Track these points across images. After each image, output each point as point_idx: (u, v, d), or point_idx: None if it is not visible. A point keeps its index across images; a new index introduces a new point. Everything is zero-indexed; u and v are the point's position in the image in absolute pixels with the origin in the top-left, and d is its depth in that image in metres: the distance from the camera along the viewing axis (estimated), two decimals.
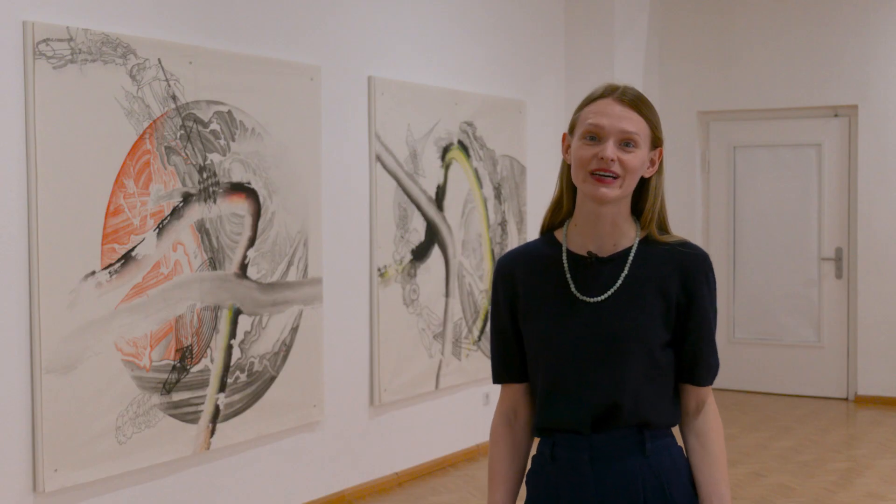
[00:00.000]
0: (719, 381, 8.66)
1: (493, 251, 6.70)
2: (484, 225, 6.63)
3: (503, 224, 6.82)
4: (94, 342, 4.19)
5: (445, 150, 6.27)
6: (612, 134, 2.11)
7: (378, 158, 5.76)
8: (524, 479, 2.32)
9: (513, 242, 6.89)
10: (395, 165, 5.88)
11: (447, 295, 6.29)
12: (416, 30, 6.12)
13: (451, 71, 6.41)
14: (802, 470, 6.23)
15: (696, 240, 8.67)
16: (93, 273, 4.19)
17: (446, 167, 6.27)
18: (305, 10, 5.30)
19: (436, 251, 6.20)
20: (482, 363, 6.60)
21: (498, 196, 6.76)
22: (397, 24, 5.96)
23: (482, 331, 6.61)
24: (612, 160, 2.10)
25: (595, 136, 2.13)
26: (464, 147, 6.42)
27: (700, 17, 8.59)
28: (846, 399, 8.23)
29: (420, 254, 6.07)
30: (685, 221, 8.69)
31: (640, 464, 2.16)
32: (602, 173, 2.11)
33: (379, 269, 5.77)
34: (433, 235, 6.18)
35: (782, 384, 8.44)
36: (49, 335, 4.03)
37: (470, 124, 6.47)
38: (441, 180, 6.23)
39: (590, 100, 2.18)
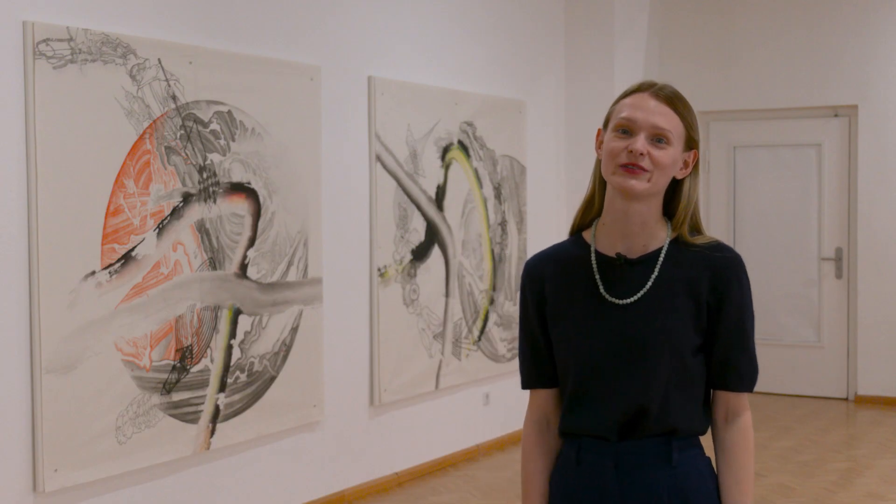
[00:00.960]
0: None
1: (493, 251, 6.70)
2: (484, 225, 6.63)
3: (503, 224, 6.82)
4: (94, 342, 4.19)
5: (445, 150, 6.27)
6: (643, 128, 2.08)
7: (378, 158, 5.76)
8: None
9: (513, 242, 6.89)
10: (395, 165, 5.88)
11: (447, 295, 6.29)
12: (416, 30, 6.12)
13: (451, 71, 6.41)
14: (802, 470, 6.23)
15: None
16: (93, 273, 4.19)
17: (446, 167, 6.27)
18: (305, 10, 5.30)
19: (436, 251, 6.20)
20: (482, 363, 6.60)
21: (498, 196, 6.76)
22: (397, 24, 5.96)
23: (482, 331, 6.61)
24: (641, 154, 2.06)
25: (627, 130, 2.09)
26: (464, 147, 6.42)
27: (700, 17, 8.59)
28: (846, 399, 8.24)
29: (420, 254, 6.07)
30: None
31: (666, 474, 2.12)
32: (631, 166, 2.07)
33: (379, 269, 5.77)
34: (433, 235, 6.18)
35: (782, 384, 8.44)
36: (49, 335, 4.03)
37: (470, 124, 6.47)
38: (441, 180, 6.23)
39: (626, 94, 2.14)
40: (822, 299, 8.31)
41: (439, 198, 6.21)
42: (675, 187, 2.17)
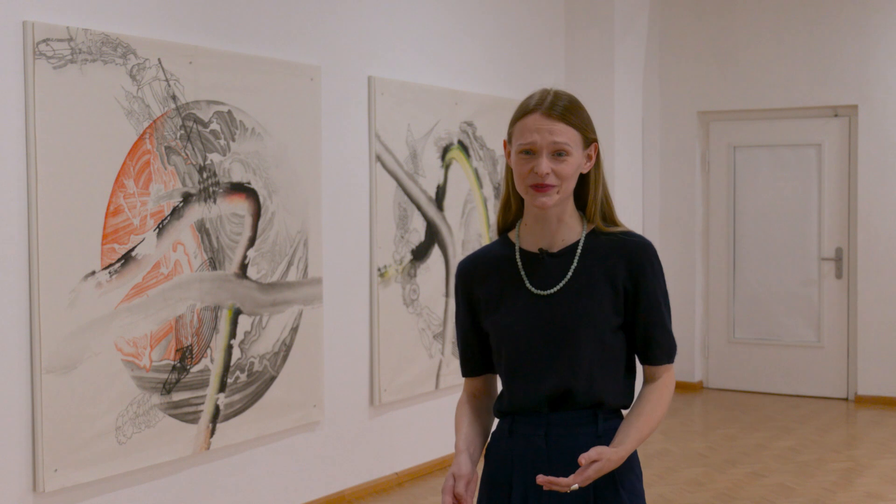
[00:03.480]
0: (720, 381, 8.67)
1: None
2: (484, 225, 6.63)
3: None
4: (94, 342, 4.19)
5: (445, 150, 6.27)
6: (543, 147, 2.28)
7: (378, 158, 5.76)
8: (485, 447, 2.48)
9: None
10: (395, 165, 5.88)
11: (447, 295, 6.29)
12: (416, 30, 6.12)
13: (451, 71, 6.41)
14: (802, 470, 6.23)
15: (696, 240, 8.68)
16: (93, 273, 4.19)
17: (446, 167, 6.27)
18: (305, 10, 5.31)
19: (436, 251, 6.20)
20: None
21: (498, 196, 6.75)
22: (397, 24, 5.96)
23: None
24: (546, 174, 2.27)
25: (529, 151, 2.29)
26: (464, 147, 6.42)
27: (700, 17, 8.59)
28: (846, 399, 8.23)
29: (420, 254, 6.07)
30: (685, 221, 8.69)
31: (591, 440, 2.32)
32: (540, 185, 2.28)
33: (379, 269, 5.77)
34: (433, 235, 6.18)
35: (782, 384, 8.44)
36: (49, 335, 4.03)
37: (470, 124, 6.47)
38: (441, 180, 6.23)
39: (521, 114, 2.33)
40: (822, 299, 8.31)
41: (439, 198, 6.21)
42: (583, 181, 2.39)
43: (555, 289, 2.34)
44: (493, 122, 6.68)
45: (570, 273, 2.34)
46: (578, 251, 2.36)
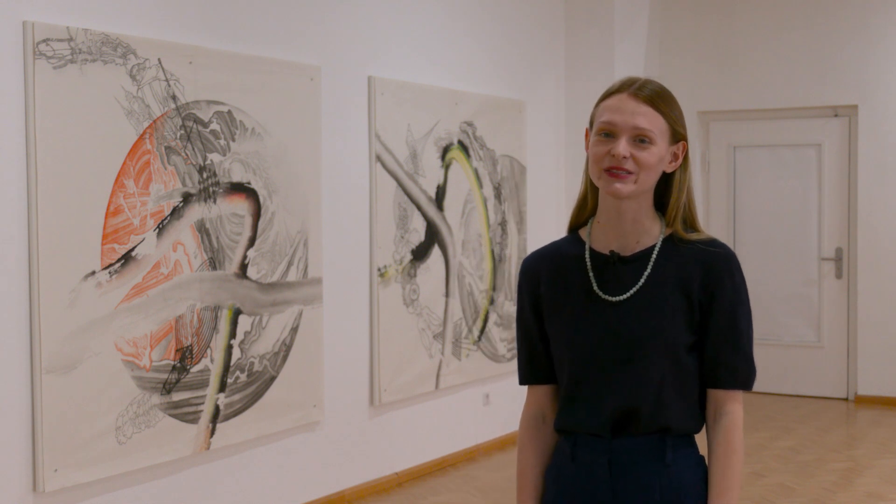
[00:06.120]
0: None
1: (493, 251, 6.70)
2: (484, 225, 6.63)
3: (503, 224, 6.81)
4: (94, 342, 4.19)
5: (445, 150, 6.27)
6: (624, 131, 2.07)
7: (378, 158, 5.76)
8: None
9: (513, 242, 6.90)
10: (395, 165, 5.88)
11: (447, 295, 6.29)
12: (416, 30, 6.12)
13: (451, 71, 6.41)
14: (802, 470, 6.23)
15: None
16: (93, 273, 4.19)
17: (446, 167, 6.27)
18: (305, 10, 5.31)
19: (436, 251, 6.20)
20: (482, 363, 6.60)
21: (498, 196, 6.75)
22: (397, 24, 5.96)
23: (482, 331, 6.61)
24: (624, 157, 2.06)
25: (609, 133, 2.09)
26: (464, 147, 6.42)
27: (700, 17, 8.59)
28: (846, 399, 8.24)
29: (420, 254, 6.07)
30: None
31: (659, 472, 2.12)
32: (615, 170, 2.08)
33: (379, 269, 5.77)
34: (433, 235, 6.18)
35: (782, 384, 8.44)
36: (49, 335, 4.03)
37: (470, 124, 6.47)
38: (441, 180, 6.23)
39: (607, 94, 2.14)
40: (822, 299, 8.31)
41: (439, 198, 6.21)
42: (667, 180, 2.17)
43: (624, 296, 2.12)
44: (493, 122, 6.68)
45: (642, 280, 2.12)
46: (653, 257, 2.13)
